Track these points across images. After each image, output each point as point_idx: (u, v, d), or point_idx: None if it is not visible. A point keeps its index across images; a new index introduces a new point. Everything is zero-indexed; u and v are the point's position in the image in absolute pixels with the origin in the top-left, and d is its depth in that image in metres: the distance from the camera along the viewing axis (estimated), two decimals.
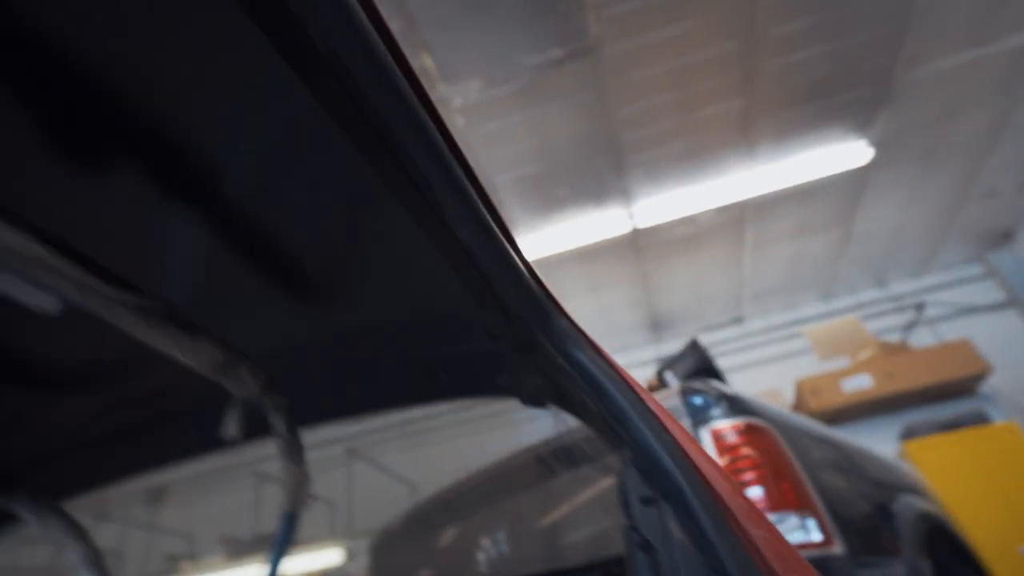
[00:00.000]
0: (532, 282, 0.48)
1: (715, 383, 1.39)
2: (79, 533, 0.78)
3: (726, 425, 1.25)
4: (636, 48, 3.19)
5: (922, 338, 4.99)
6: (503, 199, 3.99)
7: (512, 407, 0.65)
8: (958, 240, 5.12)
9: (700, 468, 0.45)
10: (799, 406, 4.36)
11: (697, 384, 1.36)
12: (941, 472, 3.32)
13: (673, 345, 5.60)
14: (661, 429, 0.46)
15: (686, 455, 0.45)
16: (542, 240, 4.32)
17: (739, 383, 3.97)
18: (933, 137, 4.07)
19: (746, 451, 1.21)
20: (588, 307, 5.22)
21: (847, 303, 5.53)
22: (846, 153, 4.08)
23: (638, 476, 0.46)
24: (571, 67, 3.22)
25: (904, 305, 5.27)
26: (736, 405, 1.30)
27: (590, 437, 0.62)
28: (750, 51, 3.29)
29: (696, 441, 0.69)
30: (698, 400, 1.28)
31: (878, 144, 4.06)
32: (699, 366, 3.43)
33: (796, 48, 3.33)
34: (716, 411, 1.27)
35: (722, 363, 4.79)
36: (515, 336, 0.56)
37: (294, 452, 0.65)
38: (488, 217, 0.43)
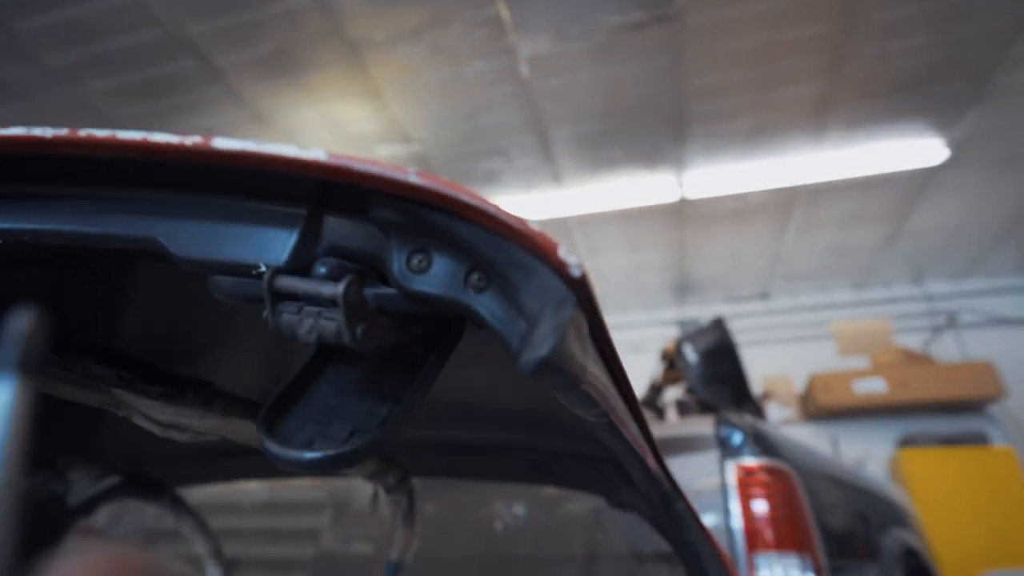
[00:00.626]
0: (661, 474, 0.58)
1: (750, 417, 1.51)
2: (205, 529, 0.97)
3: (752, 464, 1.38)
4: (723, 20, 3.03)
5: (945, 344, 5.01)
6: (556, 153, 3.95)
7: None
8: (1013, 250, 5.00)
9: None
10: (807, 399, 4.48)
11: (733, 418, 1.48)
12: (929, 485, 3.47)
13: (694, 310, 5.68)
14: None
15: None
16: (587, 196, 4.31)
17: (752, 360, 4.08)
18: (1018, 145, 3.88)
19: (764, 491, 1.35)
20: (621, 264, 5.28)
21: (878, 295, 5.52)
22: (919, 150, 3.92)
23: None
24: (651, 31, 3.08)
25: (937, 309, 5.24)
26: (765, 445, 1.42)
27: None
28: (843, 35, 3.10)
29: None
30: (735, 438, 1.40)
31: (955, 144, 3.89)
32: (719, 345, 3.53)
33: (896, 36, 3.12)
34: (746, 449, 1.40)
35: (740, 338, 4.88)
36: (618, 470, 0.67)
37: (409, 518, 0.80)
38: (639, 438, 0.51)
